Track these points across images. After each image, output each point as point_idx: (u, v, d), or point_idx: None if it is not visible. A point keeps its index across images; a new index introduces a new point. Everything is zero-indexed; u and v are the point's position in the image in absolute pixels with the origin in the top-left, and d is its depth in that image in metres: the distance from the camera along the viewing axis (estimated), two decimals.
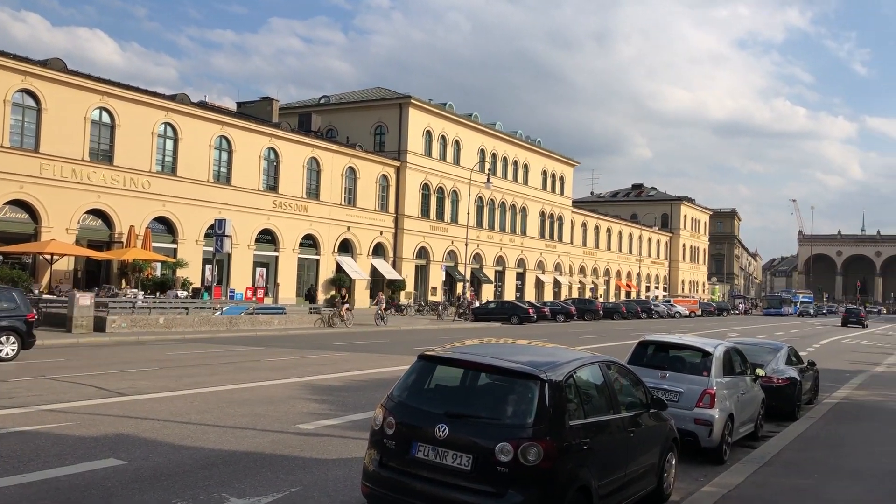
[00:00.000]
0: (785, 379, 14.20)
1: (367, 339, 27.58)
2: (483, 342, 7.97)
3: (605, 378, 7.24)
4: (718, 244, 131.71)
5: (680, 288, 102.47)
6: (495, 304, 49.59)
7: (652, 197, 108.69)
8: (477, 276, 61.46)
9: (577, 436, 6.22)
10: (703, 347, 10.91)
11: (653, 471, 7.82)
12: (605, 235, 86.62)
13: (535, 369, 6.22)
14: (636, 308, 63.22)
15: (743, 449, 11.06)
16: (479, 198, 61.01)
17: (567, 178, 77.54)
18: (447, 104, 60.12)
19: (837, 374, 21.92)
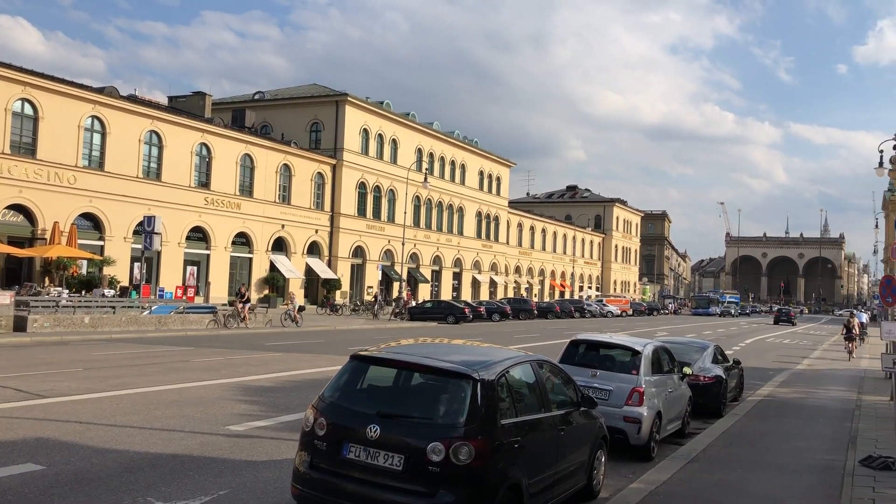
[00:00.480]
0: (711, 377, 14.60)
1: (294, 339, 27.26)
2: (417, 342, 7.96)
3: (537, 377, 7.31)
4: (649, 245, 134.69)
5: (612, 288, 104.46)
6: (431, 303, 49.63)
7: (586, 198, 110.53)
8: (413, 275, 61.44)
9: (508, 434, 6.26)
10: (633, 346, 11.13)
11: (583, 468, 7.93)
12: (540, 236, 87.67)
13: (467, 369, 6.24)
14: (570, 307, 64.16)
15: (670, 446, 11.32)
16: (416, 197, 60.99)
17: (503, 178, 78.20)
18: (384, 102, 59.92)
19: (761, 372, 22.65)
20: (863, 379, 21.18)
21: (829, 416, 14.49)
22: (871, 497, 8.29)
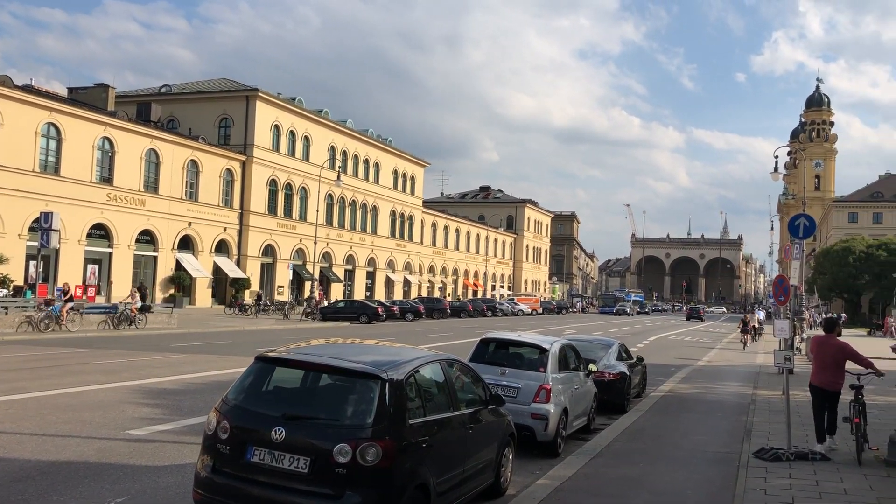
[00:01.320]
0: (616, 374, 15.00)
1: (202, 340, 26.57)
2: (328, 342, 7.87)
3: (446, 376, 7.34)
4: (559, 245, 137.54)
5: (523, 287, 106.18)
6: (344, 303, 49.20)
7: (498, 199, 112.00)
8: (326, 275, 60.81)
9: (416, 434, 6.26)
10: (540, 344, 11.33)
11: (490, 466, 8.00)
12: (453, 235, 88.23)
13: (375, 369, 6.20)
14: (482, 306, 64.81)
15: (577, 441, 11.57)
16: (328, 195, 60.37)
17: (418, 178, 78.32)
18: (296, 99, 59.07)
19: (664, 368, 23.42)
20: (758, 375, 22.15)
21: (726, 411, 15.09)
22: (762, 487, 8.67)
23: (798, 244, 17.32)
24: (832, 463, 10.02)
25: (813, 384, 10.77)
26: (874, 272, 77.50)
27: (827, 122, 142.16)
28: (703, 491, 8.69)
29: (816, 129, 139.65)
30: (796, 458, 10.11)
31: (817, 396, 10.71)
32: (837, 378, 10.53)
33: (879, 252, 78.39)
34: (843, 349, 10.56)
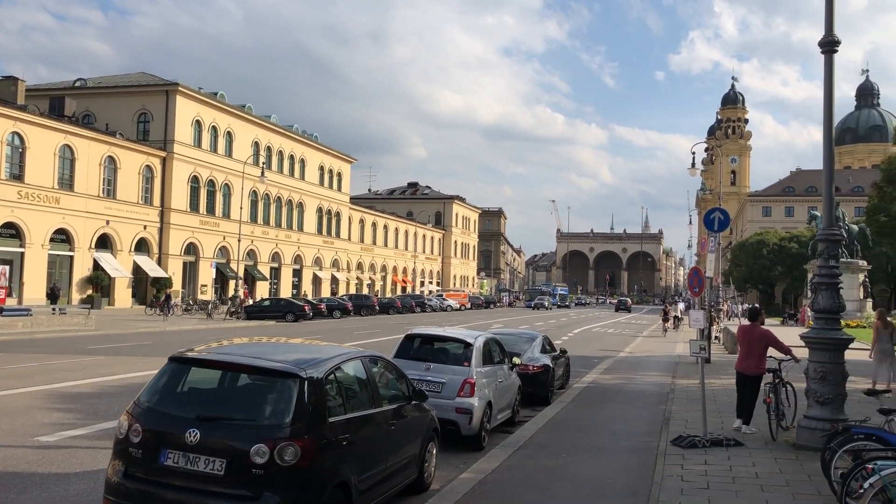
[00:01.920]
0: (539, 366, 15.21)
1: (121, 341, 25.77)
2: (248, 341, 7.74)
3: (368, 373, 7.30)
4: (487, 241, 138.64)
5: (452, 283, 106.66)
6: (270, 301, 48.42)
7: (427, 195, 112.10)
8: (251, 273, 59.74)
9: (337, 432, 6.22)
10: (465, 339, 11.39)
11: (414, 461, 8.01)
12: (381, 232, 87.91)
13: (293, 367, 6.12)
14: (411, 303, 64.76)
15: (501, 434, 11.68)
16: (253, 192, 59.28)
17: (345, 174, 77.70)
18: (218, 94, 57.83)
19: (587, 360, 23.87)
20: (677, 364, 22.80)
21: (646, 400, 15.48)
22: (679, 474, 8.93)
23: (713, 237, 17.89)
24: (745, 448, 10.40)
25: (738, 370, 11.51)
26: (787, 264, 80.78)
27: (742, 119, 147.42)
28: (622, 479, 8.90)
29: (732, 127, 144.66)
30: (712, 444, 10.45)
31: (742, 380, 11.43)
32: (760, 364, 11.32)
33: (791, 245, 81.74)
34: (766, 336, 11.34)
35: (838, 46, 10.27)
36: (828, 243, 10.57)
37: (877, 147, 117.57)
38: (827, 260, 10.54)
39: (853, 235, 50.37)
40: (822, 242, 10.70)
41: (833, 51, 10.27)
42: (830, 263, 10.52)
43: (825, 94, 10.28)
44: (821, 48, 10.34)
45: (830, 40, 10.24)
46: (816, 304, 10.49)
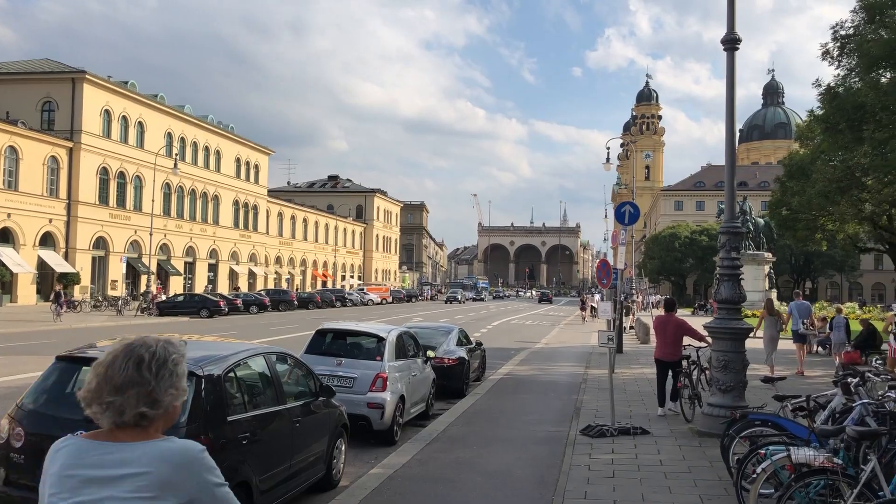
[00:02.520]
0: (455, 359, 15.24)
1: (22, 340, 24.60)
2: None
3: (271, 369, 7.12)
4: (409, 235, 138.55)
5: (373, 276, 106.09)
6: (184, 296, 47.11)
7: (347, 188, 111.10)
8: (164, 267, 57.98)
9: (237, 431, 6.04)
10: (377, 333, 11.29)
11: (322, 459, 7.88)
12: (301, 225, 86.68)
13: (189, 365, 5.88)
14: (331, 297, 64.12)
15: (414, 428, 11.63)
16: (166, 184, 57.51)
17: (262, 166, 76.23)
18: (129, 82, 55.81)
19: (504, 352, 24.07)
20: (591, 355, 23.21)
21: (559, 390, 15.70)
22: (586, 463, 9.07)
23: (624, 230, 18.29)
24: (651, 436, 10.65)
25: (657, 357, 12.40)
26: (697, 256, 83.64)
27: (655, 116, 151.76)
28: (531, 469, 8.97)
29: (646, 123, 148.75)
30: (619, 433, 10.67)
31: (662, 367, 12.29)
32: (677, 350, 12.22)
33: (702, 237, 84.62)
34: (681, 325, 12.17)
35: (739, 44, 10.61)
36: (729, 235, 10.91)
37: (781, 143, 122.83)
38: (729, 252, 10.87)
39: (759, 229, 52.60)
40: (723, 235, 11.04)
41: (734, 48, 10.59)
42: (732, 255, 10.85)
43: (727, 90, 10.60)
44: (723, 45, 10.65)
45: (732, 38, 10.56)
46: (719, 295, 10.82)
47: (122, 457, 2.04)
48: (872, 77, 16.06)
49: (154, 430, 2.13)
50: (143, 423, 2.10)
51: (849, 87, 16.81)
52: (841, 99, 16.51)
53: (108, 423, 2.10)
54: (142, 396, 2.09)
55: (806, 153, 26.27)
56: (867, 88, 15.95)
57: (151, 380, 2.11)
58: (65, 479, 2.04)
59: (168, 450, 2.06)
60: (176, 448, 2.08)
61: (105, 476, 2.01)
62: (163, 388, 2.12)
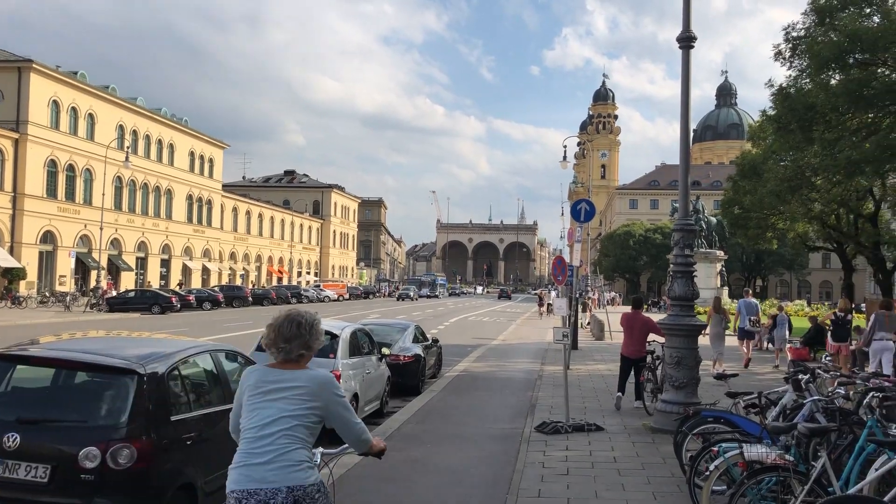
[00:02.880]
0: (410, 356, 15.10)
1: None
2: (96, 335, 7.22)
3: (218, 367, 6.90)
4: (366, 231, 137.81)
5: (330, 273, 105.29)
6: (135, 292, 46.16)
7: (304, 184, 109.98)
8: (115, 263, 56.72)
9: (181, 431, 5.84)
10: (330, 330, 11.08)
11: None
12: (256, 221, 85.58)
13: (131, 363, 5.67)
14: (286, 294, 63.40)
15: (369, 426, 11.31)
16: (117, 178, 56.21)
17: (217, 160, 75.04)
18: (79, 73, 54.41)
19: (461, 348, 24.01)
20: (546, 351, 23.29)
21: (514, 387, 15.67)
22: (541, 460, 9.02)
23: (580, 227, 18.35)
24: (605, 433, 10.66)
25: (623, 354, 12.69)
26: (651, 254, 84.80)
27: (612, 115, 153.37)
28: (485, 467, 8.88)
29: (603, 122, 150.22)
30: (574, 430, 10.65)
31: (626, 363, 12.62)
32: (642, 347, 12.50)
33: (656, 236, 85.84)
34: (647, 323, 12.48)
35: (695, 42, 10.66)
36: (683, 233, 10.96)
37: (734, 144, 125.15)
38: (682, 249, 10.93)
39: (712, 227, 53.48)
40: (677, 232, 11.09)
41: (690, 46, 10.64)
42: (686, 252, 10.91)
43: (682, 87, 10.65)
44: (679, 43, 10.70)
45: (687, 36, 10.61)
46: (672, 292, 10.87)
47: (290, 376, 3.67)
48: (823, 78, 16.36)
49: (305, 363, 3.78)
50: (300, 359, 3.75)
51: (800, 87, 17.10)
52: (792, 99, 16.79)
53: (280, 359, 3.74)
54: (301, 344, 3.74)
55: (758, 153, 26.73)
56: (817, 89, 16.25)
57: (306, 334, 3.76)
58: (258, 386, 3.66)
59: (314, 375, 3.74)
60: (318, 374, 3.77)
61: (281, 387, 3.63)
62: (313, 339, 3.81)
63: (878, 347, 13.88)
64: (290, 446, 3.58)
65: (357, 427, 3.90)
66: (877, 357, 13.67)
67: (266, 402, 3.62)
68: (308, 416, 3.65)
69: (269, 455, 3.54)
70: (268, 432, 3.58)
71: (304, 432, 3.66)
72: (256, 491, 3.50)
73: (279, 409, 3.60)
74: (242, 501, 3.52)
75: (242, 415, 3.72)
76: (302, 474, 3.56)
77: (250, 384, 3.70)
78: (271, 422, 3.59)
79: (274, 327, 3.76)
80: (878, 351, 13.81)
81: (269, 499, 3.47)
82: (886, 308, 14.52)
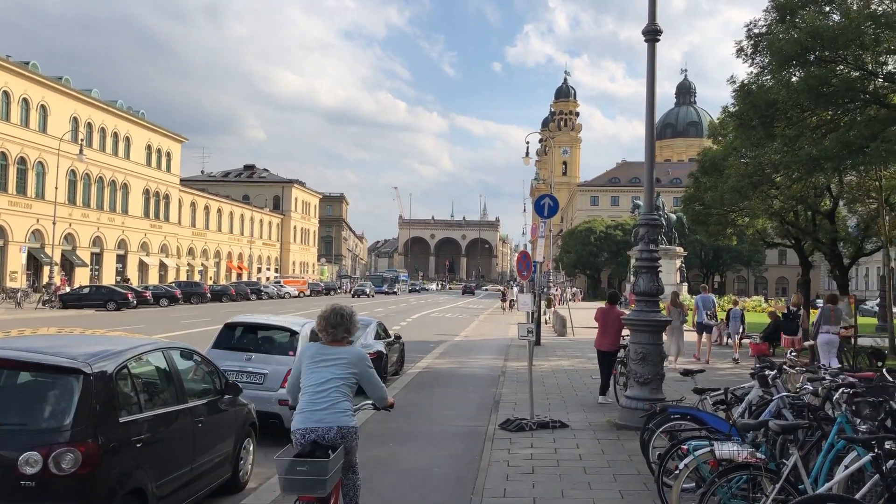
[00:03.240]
0: (373, 353, 14.79)
1: None
2: (45, 332, 6.88)
3: (171, 366, 6.60)
4: (328, 227, 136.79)
5: (291, 269, 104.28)
6: (90, 288, 45.07)
7: (264, 178, 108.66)
8: (69, 258, 55.37)
9: (130, 433, 5.54)
10: (290, 327, 10.81)
11: (228, 460, 7.42)
12: (215, 216, 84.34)
13: (76, 362, 5.35)
14: (246, 290, 62.50)
15: None
16: (71, 171, 54.87)
17: (175, 154, 73.70)
18: (30, 63, 52.92)
19: (423, 345, 23.80)
20: (509, 347, 23.20)
21: (477, 384, 15.51)
22: (505, 459, 8.86)
23: (543, 223, 18.26)
24: (570, 430, 10.55)
25: (597, 348, 12.90)
26: (612, 250, 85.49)
27: (573, 112, 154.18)
28: (449, 466, 8.70)
29: (564, 119, 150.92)
30: (538, 427, 10.52)
31: (603, 357, 12.78)
32: (616, 341, 12.63)
33: (616, 232, 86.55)
34: (621, 317, 12.50)
35: (660, 35, 10.58)
36: (648, 227, 10.88)
37: (693, 141, 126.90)
38: (647, 244, 10.85)
39: (671, 224, 54.01)
40: (642, 227, 11.01)
41: (655, 39, 10.56)
42: (651, 247, 10.83)
43: (648, 80, 10.56)
44: (644, 36, 10.60)
45: (653, 29, 10.53)
46: (637, 287, 10.78)
47: (337, 351, 5.15)
48: (784, 75, 16.46)
49: (346, 342, 5.26)
50: (343, 340, 5.21)
51: (761, 84, 17.18)
52: (754, 96, 16.87)
53: (328, 340, 5.23)
54: (344, 330, 5.21)
55: (719, 150, 26.95)
56: (779, 86, 16.34)
57: (347, 322, 5.22)
58: (315, 357, 5.13)
59: (354, 350, 5.23)
60: (356, 350, 5.27)
61: (331, 358, 5.11)
62: (352, 326, 5.27)
63: (823, 340, 14.48)
64: (339, 399, 5.14)
65: (381, 388, 5.53)
66: (825, 350, 14.11)
67: (321, 368, 5.19)
68: (350, 378, 5.23)
69: (325, 404, 5.09)
70: (323, 388, 5.13)
71: (347, 390, 5.22)
72: (315, 428, 5.05)
73: (331, 373, 5.17)
74: (306, 436, 5.04)
75: (301, 377, 5.28)
76: (347, 419, 5.18)
77: (309, 355, 5.30)
78: (325, 381, 5.14)
79: (323, 317, 5.36)
80: (824, 344, 14.35)
81: (324, 434, 5.04)
82: (832, 302, 15.06)
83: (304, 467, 4.84)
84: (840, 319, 15.11)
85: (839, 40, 15.24)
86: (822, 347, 14.28)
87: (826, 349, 14.19)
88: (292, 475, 4.89)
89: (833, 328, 14.44)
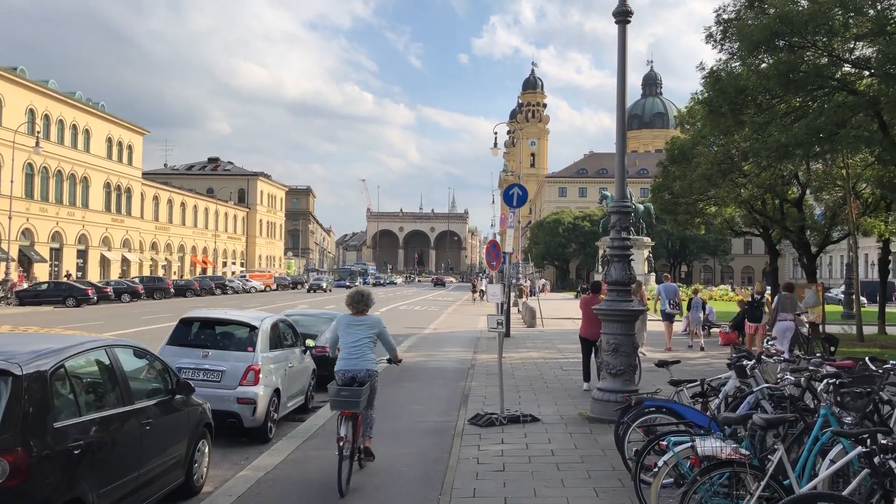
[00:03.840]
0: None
1: None
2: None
3: (114, 365, 6.12)
4: (295, 220, 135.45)
5: (257, 263, 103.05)
6: (48, 284, 43.93)
7: (228, 171, 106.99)
8: (27, 254, 53.89)
9: (66, 439, 5.07)
10: (249, 322, 10.35)
11: (181, 463, 6.98)
12: (179, 210, 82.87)
13: (6, 363, 4.88)
14: (210, 285, 61.52)
15: (292, 423, 10.79)
16: (28, 164, 53.32)
17: (136, 147, 72.15)
18: None
19: (392, 338, 23.38)
20: (479, 339, 22.89)
21: (446, 377, 15.16)
22: (475, 456, 8.52)
23: (512, 212, 17.95)
24: (542, 424, 10.24)
25: (581, 336, 13.01)
26: (580, 241, 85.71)
27: (541, 104, 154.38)
28: (417, 465, 8.34)
29: (532, 111, 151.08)
30: (509, 421, 10.20)
31: (585, 345, 12.91)
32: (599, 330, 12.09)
33: (584, 223, 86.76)
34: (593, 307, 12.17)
35: (631, 17, 10.27)
36: (619, 215, 10.60)
37: (660, 132, 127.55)
38: (619, 232, 10.57)
39: (639, 214, 54.18)
40: (614, 214, 10.73)
41: (626, 21, 10.25)
42: (622, 235, 10.55)
43: (619, 63, 10.26)
44: (615, 17, 10.30)
45: (624, 10, 10.22)
46: (609, 276, 10.50)
47: (362, 319, 7.96)
48: (754, 61, 16.29)
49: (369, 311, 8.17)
50: (364, 311, 8.00)
51: (731, 70, 17.00)
52: (724, 82, 16.67)
53: (355, 312, 7.97)
54: (364, 304, 7.99)
55: (687, 138, 26.85)
56: (748, 72, 16.17)
57: (366, 300, 8.06)
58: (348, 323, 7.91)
59: (373, 317, 8.11)
60: (375, 317, 8.17)
61: (358, 323, 7.90)
62: (371, 302, 8.14)
63: (780, 328, 14.76)
64: (366, 352, 7.72)
65: (393, 345, 8.39)
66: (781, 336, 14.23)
67: (352, 330, 7.77)
68: (372, 337, 7.82)
69: (358, 355, 7.67)
70: (356, 344, 7.70)
71: (371, 345, 7.78)
72: (351, 369, 7.62)
73: (359, 333, 7.76)
74: (346, 374, 7.62)
75: (339, 337, 7.89)
76: (372, 364, 7.73)
77: (344, 323, 7.91)
78: (357, 340, 7.71)
79: (350, 296, 8.07)
80: (780, 331, 14.66)
81: (357, 373, 7.59)
82: (788, 290, 15.42)
83: (346, 393, 7.40)
84: (796, 307, 15.38)
85: (808, 25, 15.10)
86: (778, 334, 14.44)
87: (782, 335, 14.35)
88: (338, 397, 7.41)
89: (789, 315, 14.81)
